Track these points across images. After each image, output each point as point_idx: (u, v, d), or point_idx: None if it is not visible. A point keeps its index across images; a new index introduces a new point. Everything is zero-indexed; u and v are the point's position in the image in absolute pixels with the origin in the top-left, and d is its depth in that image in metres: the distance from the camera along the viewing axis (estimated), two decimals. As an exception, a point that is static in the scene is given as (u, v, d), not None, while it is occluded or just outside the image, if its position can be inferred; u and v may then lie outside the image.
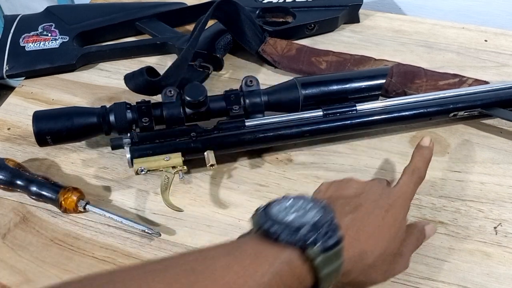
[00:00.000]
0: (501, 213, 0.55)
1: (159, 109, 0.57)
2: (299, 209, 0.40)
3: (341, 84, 0.61)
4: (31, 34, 0.74)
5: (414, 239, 0.47)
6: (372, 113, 0.59)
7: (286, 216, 0.39)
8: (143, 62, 0.74)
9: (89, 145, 0.63)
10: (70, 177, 0.60)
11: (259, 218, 0.39)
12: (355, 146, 0.62)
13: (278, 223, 0.38)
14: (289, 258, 0.37)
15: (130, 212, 0.57)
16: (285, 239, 0.37)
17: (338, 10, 0.75)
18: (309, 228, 0.37)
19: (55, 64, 0.71)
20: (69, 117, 0.57)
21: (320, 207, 0.40)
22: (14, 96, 0.70)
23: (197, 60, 0.68)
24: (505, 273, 0.50)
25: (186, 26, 0.78)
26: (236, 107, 0.58)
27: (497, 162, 0.59)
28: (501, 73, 0.69)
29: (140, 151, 0.55)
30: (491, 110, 0.60)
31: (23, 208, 0.57)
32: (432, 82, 0.64)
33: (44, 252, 0.53)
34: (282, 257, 0.37)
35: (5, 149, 0.63)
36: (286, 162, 0.60)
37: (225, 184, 0.59)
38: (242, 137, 0.57)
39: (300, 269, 0.37)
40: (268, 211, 0.39)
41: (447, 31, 0.75)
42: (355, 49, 0.72)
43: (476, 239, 0.53)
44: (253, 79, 0.59)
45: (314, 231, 0.37)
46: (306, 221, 0.38)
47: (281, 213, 0.39)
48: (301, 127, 0.58)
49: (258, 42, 0.70)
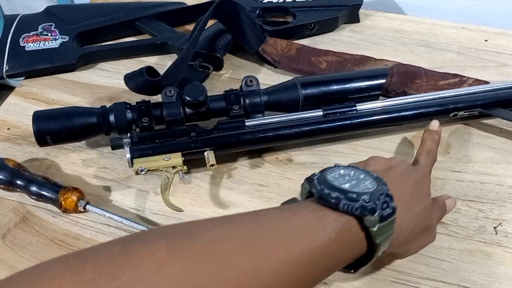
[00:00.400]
0: (501, 213, 0.55)
1: (159, 109, 0.57)
2: (353, 178, 0.42)
3: (341, 84, 0.61)
4: (31, 34, 0.74)
5: (438, 213, 0.49)
6: (372, 113, 0.59)
7: (343, 184, 0.40)
8: (143, 62, 0.74)
9: (89, 145, 0.63)
10: (70, 177, 0.60)
11: (316, 184, 0.41)
12: (355, 146, 0.62)
13: (336, 190, 0.39)
14: (348, 224, 0.39)
15: (130, 212, 0.57)
16: (345, 206, 0.39)
17: (338, 10, 0.75)
18: (368, 197, 0.39)
19: (55, 64, 0.71)
20: (69, 117, 0.57)
21: (374, 178, 0.42)
22: (14, 96, 0.70)
23: (197, 60, 0.68)
24: (505, 273, 0.50)
25: (186, 26, 0.78)
26: (236, 107, 0.58)
27: (497, 162, 0.59)
28: (501, 73, 0.69)
29: (140, 151, 0.55)
30: (491, 110, 0.60)
31: (23, 208, 0.57)
32: (432, 82, 0.64)
33: (44, 252, 0.53)
34: (342, 223, 0.39)
35: (5, 149, 0.63)
36: (286, 162, 0.60)
37: (225, 184, 0.59)
38: (242, 137, 0.57)
39: (358, 236, 0.39)
40: (325, 178, 0.41)
41: (447, 31, 0.75)
42: (355, 49, 0.72)
43: (476, 239, 0.53)
44: (253, 79, 0.59)
45: (372, 200, 0.39)
46: (363, 190, 0.40)
47: (337, 180, 0.41)
48: (301, 127, 0.58)
49: (258, 42, 0.70)
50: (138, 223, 0.54)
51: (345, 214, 0.39)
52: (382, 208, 0.39)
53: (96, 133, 0.59)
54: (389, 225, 0.40)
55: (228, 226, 0.36)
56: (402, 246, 0.45)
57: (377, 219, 0.39)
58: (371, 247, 0.40)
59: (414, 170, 0.48)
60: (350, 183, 0.41)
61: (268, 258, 0.35)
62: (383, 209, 0.39)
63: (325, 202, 0.40)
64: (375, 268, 0.51)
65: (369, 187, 0.40)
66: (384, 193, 0.40)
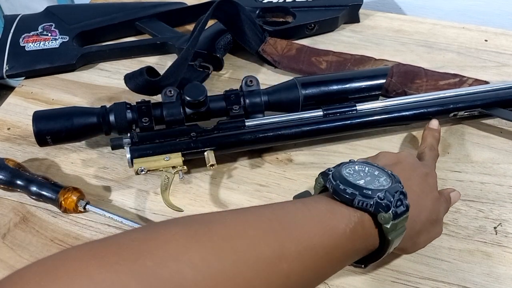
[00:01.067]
0: (501, 213, 0.55)
1: (159, 109, 0.57)
2: (368, 174, 0.42)
3: (341, 84, 0.61)
4: (31, 34, 0.74)
5: (444, 205, 0.49)
6: (372, 113, 0.59)
7: (358, 180, 0.41)
8: (143, 62, 0.74)
9: (89, 145, 0.63)
10: (70, 177, 0.60)
11: (331, 179, 0.41)
12: (355, 146, 0.62)
13: (351, 186, 0.40)
14: (362, 220, 0.39)
15: (130, 212, 0.57)
16: (359, 202, 0.39)
17: (338, 10, 0.75)
18: (383, 194, 0.39)
19: (55, 64, 0.71)
20: (69, 117, 0.57)
21: (388, 175, 0.42)
22: (14, 96, 0.70)
23: (197, 60, 0.68)
24: (505, 273, 0.50)
25: (186, 26, 0.78)
26: (236, 107, 0.58)
27: (497, 162, 0.59)
28: (501, 73, 0.69)
29: (140, 151, 0.55)
30: (491, 110, 0.60)
31: (23, 208, 0.57)
32: (432, 82, 0.64)
33: (44, 252, 0.53)
34: (356, 218, 0.39)
35: (5, 149, 0.63)
36: (286, 162, 0.60)
37: (225, 184, 0.59)
38: (242, 137, 0.57)
39: (371, 232, 0.40)
40: (340, 173, 0.41)
41: (447, 31, 0.75)
42: (355, 49, 0.72)
43: (476, 239, 0.53)
44: (253, 79, 0.59)
45: (387, 198, 0.39)
46: (378, 187, 0.40)
47: (351, 176, 0.41)
48: (301, 127, 0.58)
49: (258, 42, 0.70)
50: (138, 223, 0.54)
51: (360, 210, 0.40)
52: (396, 206, 0.39)
53: (96, 133, 0.59)
54: (402, 222, 0.40)
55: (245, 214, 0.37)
56: (412, 239, 0.45)
57: (391, 216, 0.39)
58: (384, 243, 0.41)
59: (421, 164, 0.49)
60: (365, 180, 0.41)
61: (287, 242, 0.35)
62: (397, 206, 0.40)
63: (340, 197, 0.40)
64: (375, 268, 0.50)
65: (383, 184, 0.41)
66: (399, 190, 0.41)
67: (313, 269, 0.37)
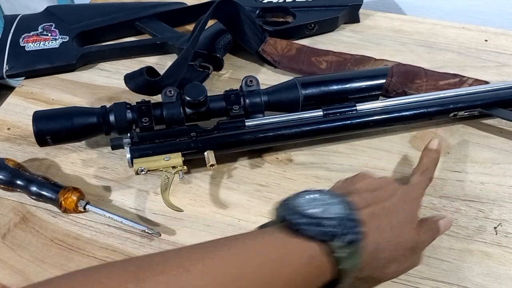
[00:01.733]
0: (501, 213, 0.55)
1: (159, 109, 0.57)
2: (321, 203, 0.41)
3: (341, 84, 0.61)
4: (31, 34, 0.74)
5: (427, 235, 0.47)
6: (372, 113, 0.59)
7: (310, 209, 0.40)
8: (143, 62, 0.74)
9: (89, 145, 0.63)
10: (70, 177, 0.60)
11: (283, 210, 0.41)
12: (355, 146, 0.62)
13: (303, 216, 0.39)
14: (315, 251, 0.39)
15: (130, 212, 0.57)
16: (311, 232, 0.39)
17: (338, 10, 0.75)
18: (335, 223, 0.39)
19: (55, 64, 0.71)
20: (69, 117, 0.57)
21: (342, 202, 0.41)
22: (14, 96, 0.70)
23: (197, 60, 0.68)
24: (505, 273, 0.50)
25: (186, 26, 0.78)
26: (236, 107, 0.58)
27: (497, 162, 0.59)
28: (501, 73, 0.69)
29: (140, 151, 0.55)
30: (491, 110, 0.60)
31: (23, 208, 0.57)
32: (432, 82, 0.64)
33: (44, 252, 0.53)
34: (309, 250, 0.39)
35: (5, 149, 0.63)
36: (286, 162, 0.60)
37: (225, 184, 0.59)
38: (242, 137, 0.57)
39: (324, 262, 0.39)
40: (292, 203, 0.41)
41: (447, 31, 0.75)
42: (355, 49, 0.72)
43: (476, 239, 0.53)
44: (253, 79, 0.59)
45: (339, 226, 0.39)
46: (330, 216, 0.39)
47: (304, 206, 0.41)
48: (301, 127, 0.58)
49: (258, 42, 0.70)
50: (138, 223, 0.54)
51: (313, 240, 0.39)
52: (347, 233, 0.39)
53: (96, 133, 0.59)
54: (357, 250, 0.39)
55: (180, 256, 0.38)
56: (380, 270, 0.43)
57: (344, 244, 0.38)
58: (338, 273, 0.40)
59: (403, 191, 0.47)
60: (318, 208, 0.40)
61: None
62: (348, 234, 0.39)
63: (291, 229, 0.40)
64: (375, 268, 0.50)
65: (336, 212, 0.40)
66: (352, 217, 0.40)
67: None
